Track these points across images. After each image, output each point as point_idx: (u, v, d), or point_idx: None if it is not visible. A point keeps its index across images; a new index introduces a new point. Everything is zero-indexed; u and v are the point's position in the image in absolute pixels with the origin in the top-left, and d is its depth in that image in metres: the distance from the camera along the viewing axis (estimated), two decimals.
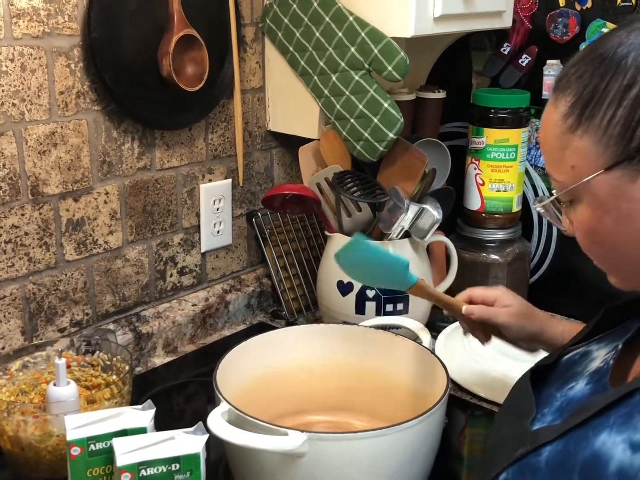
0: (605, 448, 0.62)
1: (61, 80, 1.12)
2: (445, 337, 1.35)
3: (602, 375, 0.73)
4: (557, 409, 0.73)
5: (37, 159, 1.12)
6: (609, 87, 0.65)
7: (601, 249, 0.72)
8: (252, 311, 1.48)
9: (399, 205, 1.24)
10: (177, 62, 1.19)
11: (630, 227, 0.67)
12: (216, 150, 1.38)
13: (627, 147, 0.65)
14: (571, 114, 0.68)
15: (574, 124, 0.68)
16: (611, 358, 0.75)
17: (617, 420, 0.63)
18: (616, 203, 0.67)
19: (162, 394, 1.21)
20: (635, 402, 0.63)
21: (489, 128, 1.40)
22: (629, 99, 0.64)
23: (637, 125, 0.64)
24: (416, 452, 0.89)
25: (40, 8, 1.08)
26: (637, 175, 0.65)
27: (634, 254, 0.69)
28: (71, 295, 1.21)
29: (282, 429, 0.83)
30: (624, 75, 0.65)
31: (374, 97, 1.26)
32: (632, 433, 0.61)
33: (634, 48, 0.65)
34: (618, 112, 0.65)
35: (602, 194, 0.68)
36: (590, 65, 0.67)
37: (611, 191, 0.67)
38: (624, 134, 0.65)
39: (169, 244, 1.34)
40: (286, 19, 1.35)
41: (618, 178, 0.66)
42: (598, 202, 0.68)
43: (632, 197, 0.66)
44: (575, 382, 0.75)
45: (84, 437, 0.81)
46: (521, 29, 1.44)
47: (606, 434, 0.63)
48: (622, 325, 0.80)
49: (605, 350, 0.78)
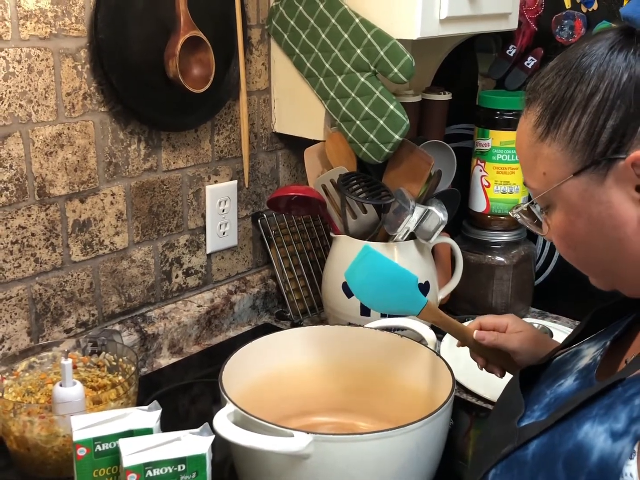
0: (588, 438, 0.64)
1: (68, 82, 1.12)
2: (450, 339, 1.35)
3: (590, 371, 0.75)
4: (546, 405, 0.75)
5: (43, 160, 1.12)
6: (573, 95, 0.68)
7: (576, 252, 0.74)
8: (257, 312, 1.49)
9: (405, 206, 1.24)
10: (183, 63, 1.20)
11: (601, 230, 0.70)
12: (222, 152, 1.39)
13: (593, 152, 0.67)
14: (540, 123, 0.71)
15: (543, 132, 0.71)
16: (599, 355, 0.77)
17: (600, 411, 0.65)
18: (586, 207, 0.70)
19: (168, 394, 1.21)
20: (617, 393, 0.65)
21: (494, 130, 1.40)
22: (592, 106, 0.67)
23: (601, 130, 0.67)
24: (421, 453, 0.89)
25: (48, 10, 1.08)
26: (604, 179, 0.68)
27: (607, 255, 0.71)
28: (77, 296, 1.21)
29: (287, 430, 0.83)
30: (587, 84, 0.68)
31: (379, 99, 1.27)
32: (613, 422, 0.63)
33: (597, 58, 0.68)
34: (583, 119, 0.68)
35: (572, 199, 0.70)
36: (558, 76, 0.70)
37: (581, 195, 0.69)
38: (589, 140, 0.68)
39: (174, 245, 1.35)
40: (292, 21, 1.35)
41: (586, 182, 0.69)
42: (570, 206, 0.71)
43: (601, 200, 0.68)
44: (564, 379, 0.77)
45: (91, 438, 0.81)
46: (527, 31, 1.43)
47: (589, 424, 0.65)
48: (611, 325, 0.82)
49: (594, 348, 0.80)
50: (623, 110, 0.66)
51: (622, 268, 0.71)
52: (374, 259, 1.03)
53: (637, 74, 0.66)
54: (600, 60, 0.68)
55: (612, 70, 0.67)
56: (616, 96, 0.66)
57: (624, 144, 0.66)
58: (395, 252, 1.28)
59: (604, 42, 0.69)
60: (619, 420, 0.63)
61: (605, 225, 0.69)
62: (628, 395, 0.64)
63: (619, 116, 0.66)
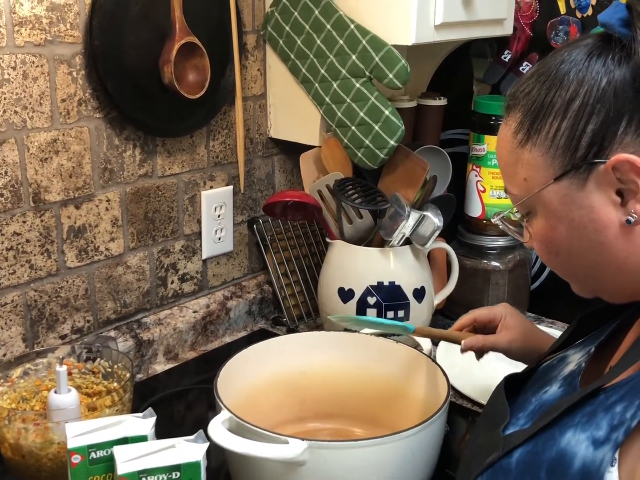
0: (570, 446, 0.64)
1: (63, 88, 1.12)
2: (446, 344, 1.35)
3: (574, 378, 0.75)
4: (530, 413, 0.75)
5: (38, 166, 1.12)
6: (553, 101, 0.69)
7: (558, 258, 0.74)
8: (253, 318, 1.49)
9: (400, 212, 1.24)
10: (178, 69, 1.20)
11: (583, 234, 0.70)
12: (217, 157, 1.39)
13: (573, 156, 0.68)
14: (520, 129, 0.71)
15: (523, 138, 0.71)
16: (583, 361, 0.77)
17: (582, 419, 0.65)
18: (567, 212, 0.70)
19: (163, 401, 1.21)
20: (599, 401, 0.65)
21: (490, 135, 1.40)
22: (572, 110, 0.67)
23: (581, 135, 0.67)
24: (417, 459, 0.89)
25: (43, 16, 1.08)
26: (584, 184, 0.68)
27: (588, 261, 0.71)
28: (72, 302, 1.21)
29: (282, 437, 0.83)
30: (567, 89, 0.68)
31: (374, 105, 1.27)
32: (595, 430, 0.63)
33: (575, 64, 0.68)
34: (563, 124, 0.68)
35: (554, 204, 0.70)
36: (537, 82, 0.71)
37: (562, 200, 0.69)
38: (569, 145, 0.68)
39: (170, 250, 1.34)
40: (287, 27, 1.35)
41: (567, 187, 0.69)
42: (551, 211, 0.71)
43: (582, 204, 0.68)
44: (549, 386, 0.77)
45: (85, 445, 0.81)
46: (522, 36, 1.44)
47: (571, 432, 0.65)
48: (596, 331, 0.82)
49: (579, 354, 0.80)
50: (603, 115, 0.66)
51: (603, 273, 0.71)
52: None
53: (615, 78, 0.66)
54: (579, 66, 0.68)
55: (591, 76, 0.67)
56: (596, 100, 0.66)
57: (604, 148, 0.66)
58: (391, 258, 1.28)
59: (582, 48, 0.69)
60: (601, 428, 0.63)
61: (587, 229, 0.69)
62: (609, 403, 0.64)
63: (599, 120, 0.66)
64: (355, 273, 1.29)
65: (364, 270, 1.28)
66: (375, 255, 1.28)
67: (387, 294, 1.27)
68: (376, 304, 1.28)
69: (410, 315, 1.30)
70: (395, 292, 1.28)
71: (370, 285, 1.28)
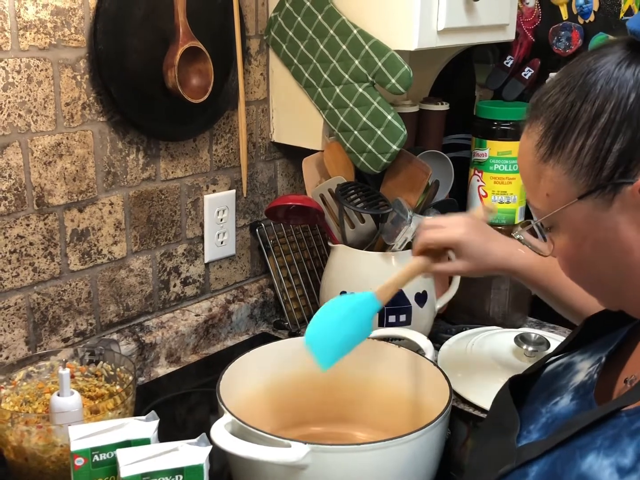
0: (592, 471, 0.62)
1: (67, 92, 1.13)
2: (448, 349, 1.35)
3: (587, 391, 0.73)
4: (543, 426, 0.73)
5: (42, 169, 1.12)
6: (578, 116, 0.65)
7: (581, 274, 0.72)
8: (255, 321, 1.49)
9: (402, 216, 1.25)
10: (182, 73, 1.20)
11: (607, 254, 0.67)
12: (220, 161, 1.39)
13: (598, 176, 0.65)
14: (543, 143, 0.68)
15: (545, 153, 0.68)
16: (595, 372, 0.75)
17: (605, 442, 0.63)
18: (592, 231, 0.67)
19: (165, 404, 1.21)
20: (623, 424, 0.63)
21: (492, 140, 1.41)
22: (597, 128, 0.64)
23: (607, 154, 0.64)
24: (419, 464, 0.89)
25: (47, 20, 1.09)
26: (610, 204, 0.65)
27: (613, 279, 0.69)
28: (75, 305, 1.21)
29: (285, 440, 0.83)
30: (593, 103, 0.64)
31: (377, 110, 1.27)
32: (620, 457, 0.61)
33: (603, 75, 0.65)
34: (587, 141, 0.65)
35: (577, 222, 0.68)
36: (562, 93, 0.67)
37: (586, 219, 0.67)
38: (594, 164, 0.65)
39: (172, 254, 1.35)
40: (290, 32, 1.36)
41: (592, 207, 0.66)
42: (574, 229, 0.69)
43: (607, 225, 0.66)
44: (559, 397, 0.75)
45: (88, 448, 0.81)
46: (524, 42, 1.45)
47: (593, 456, 0.62)
48: (605, 337, 0.80)
49: (588, 362, 0.78)
50: (630, 134, 0.63)
51: (629, 291, 0.69)
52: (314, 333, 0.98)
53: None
54: (607, 77, 0.64)
55: (619, 90, 0.63)
56: (623, 118, 0.63)
57: (631, 169, 0.63)
58: (393, 262, 1.28)
59: (610, 57, 0.66)
60: (626, 455, 0.60)
61: (611, 249, 0.67)
62: (634, 429, 0.61)
63: (626, 139, 0.63)
64: (357, 277, 1.29)
65: (366, 275, 1.29)
66: (377, 260, 1.29)
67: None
68: None
69: (412, 320, 1.30)
70: (397, 296, 1.27)
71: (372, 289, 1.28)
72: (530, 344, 1.28)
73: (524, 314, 1.52)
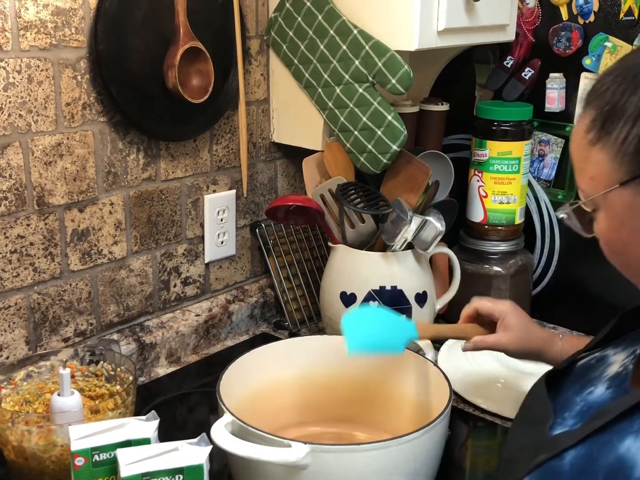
0: (630, 454, 0.63)
1: (67, 92, 1.13)
2: (448, 349, 1.35)
3: (623, 380, 0.74)
4: (578, 413, 0.74)
5: (43, 169, 1.12)
6: (626, 105, 0.68)
7: (620, 258, 0.74)
8: (255, 322, 1.49)
9: (402, 217, 1.25)
10: (182, 74, 1.20)
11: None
12: (220, 162, 1.39)
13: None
14: (592, 128, 0.71)
15: (594, 138, 0.70)
16: (630, 363, 0.76)
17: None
18: (631, 217, 0.69)
19: (166, 404, 1.21)
20: None
21: (492, 140, 1.41)
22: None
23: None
24: (419, 464, 0.90)
25: (48, 20, 1.09)
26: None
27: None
28: (75, 305, 1.21)
29: (285, 440, 0.83)
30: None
31: (377, 110, 1.27)
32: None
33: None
34: (633, 130, 0.67)
35: (617, 207, 0.70)
36: (614, 83, 0.70)
37: (626, 205, 0.69)
38: (637, 153, 0.67)
39: (173, 254, 1.35)
40: (291, 32, 1.36)
41: (633, 194, 0.68)
42: (614, 214, 0.71)
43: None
44: (594, 387, 0.77)
45: (88, 448, 0.82)
46: (524, 42, 1.44)
47: (631, 439, 0.64)
48: (638, 330, 0.81)
49: (622, 355, 0.79)
50: None
51: None
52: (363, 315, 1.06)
53: None
54: None
55: None
56: None
57: None
58: (393, 262, 1.28)
59: None
60: None
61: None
62: None
63: None
64: (358, 277, 1.29)
65: (366, 275, 1.29)
66: (378, 260, 1.29)
67: (389, 299, 1.28)
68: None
69: (412, 320, 1.30)
70: (397, 296, 1.28)
71: (372, 289, 1.28)
72: None
73: None
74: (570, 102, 1.43)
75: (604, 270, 1.42)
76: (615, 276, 1.51)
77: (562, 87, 1.42)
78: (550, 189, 1.49)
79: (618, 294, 1.43)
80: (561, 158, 1.46)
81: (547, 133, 1.47)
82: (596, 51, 1.37)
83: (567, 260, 1.50)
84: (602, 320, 1.49)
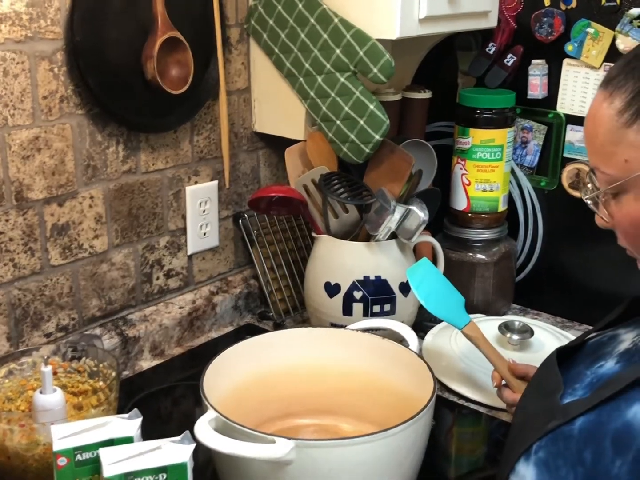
0: (637, 419, 0.65)
1: (44, 85, 1.11)
2: (432, 337, 1.36)
3: (632, 355, 0.75)
4: (588, 385, 0.76)
5: (20, 164, 1.11)
6: None
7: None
8: (239, 313, 1.48)
9: (386, 206, 1.24)
10: (161, 64, 1.19)
11: None
12: (202, 152, 1.38)
13: None
14: (628, 109, 0.70)
15: (630, 119, 0.70)
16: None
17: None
18: None
19: (150, 397, 1.21)
20: None
21: (474, 128, 1.40)
22: None
23: None
24: (404, 455, 0.90)
25: (23, 12, 1.07)
26: None
27: None
28: (57, 300, 1.20)
29: (269, 436, 0.83)
30: None
31: (359, 99, 1.26)
32: None
33: None
34: None
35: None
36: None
37: None
38: None
39: (155, 247, 1.34)
40: (271, 21, 1.34)
41: None
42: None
43: None
44: (604, 361, 0.78)
45: (71, 448, 0.81)
46: (506, 28, 1.44)
47: (639, 406, 0.66)
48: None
49: (633, 333, 0.80)
50: None
51: None
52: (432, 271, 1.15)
53: None
54: None
55: None
56: None
57: None
58: (377, 252, 1.28)
59: None
60: None
61: None
62: None
63: None
64: (342, 267, 1.29)
65: (350, 265, 1.28)
66: (361, 250, 1.28)
67: (374, 288, 1.28)
68: (362, 298, 1.28)
69: (396, 310, 1.30)
70: (382, 286, 1.28)
71: (356, 279, 1.28)
72: (514, 333, 1.29)
73: (508, 301, 1.53)
74: (552, 88, 1.42)
75: (587, 257, 1.45)
76: (598, 262, 1.52)
77: (544, 73, 1.41)
78: (533, 176, 1.49)
79: (600, 280, 1.44)
80: (544, 145, 1.46)
81: (529, 120, 1.46)
82: (578, 37, 1.36)
83: (550, 247, 1.50)
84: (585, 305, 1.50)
